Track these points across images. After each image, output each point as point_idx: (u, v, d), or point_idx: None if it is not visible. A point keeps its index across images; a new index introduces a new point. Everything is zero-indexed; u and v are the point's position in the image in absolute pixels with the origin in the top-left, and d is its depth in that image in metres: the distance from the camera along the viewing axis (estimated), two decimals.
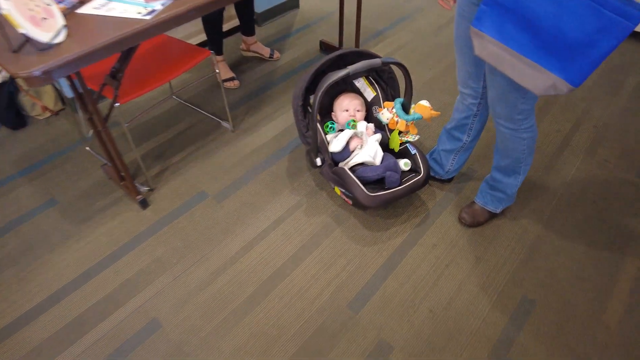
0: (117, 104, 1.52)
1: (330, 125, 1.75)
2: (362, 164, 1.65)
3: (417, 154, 1.67)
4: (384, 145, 1.76)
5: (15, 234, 1.70)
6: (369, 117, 1.83)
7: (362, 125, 1.71)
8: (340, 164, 1.68)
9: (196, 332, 1.40)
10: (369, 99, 1.84)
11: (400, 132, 1.73)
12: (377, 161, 1.63)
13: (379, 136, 1.69)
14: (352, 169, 1.63)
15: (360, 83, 1.86)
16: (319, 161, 1.68)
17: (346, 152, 1.66)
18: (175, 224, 1.72)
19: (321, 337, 1.39)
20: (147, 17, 1.34)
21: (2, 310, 1.47)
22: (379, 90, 1.82)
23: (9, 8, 1.08)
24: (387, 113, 1.72)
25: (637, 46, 2.70)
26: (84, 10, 1.40)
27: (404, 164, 1.67)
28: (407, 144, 1.72)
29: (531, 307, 1.45)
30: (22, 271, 1.57)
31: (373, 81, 1.84)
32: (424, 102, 1.69)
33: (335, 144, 1.67)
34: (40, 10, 1.20)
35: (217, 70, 1.98)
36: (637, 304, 1.46)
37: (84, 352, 1.35)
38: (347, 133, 1.67)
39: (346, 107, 1.76)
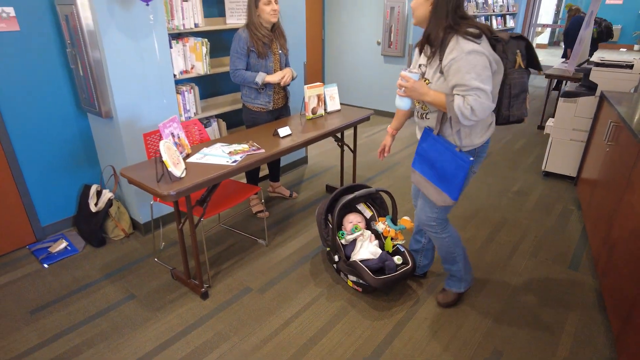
0: (202, 219, 2.25)
1: (341, 233, 2.47)
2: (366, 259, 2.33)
3: (405, 251, 2.37)
4: (381, 247, 2.46)
5: (105, 319, 2.20)
6: (369, 229, 2.57)
7: (368, 233, 2.43)
8: (351, 258, 2.35)
9: None
10: (368, 217, 2.62)
11: (392, 238, 2.45)
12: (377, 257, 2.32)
13: (377, 242, 2.41)
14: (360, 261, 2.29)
15: (361, 207, 2.67)
16: (336, 257, 2.35)
17: (351, 245, 2.38)
18: (229, 309, 2.26)
19: None
20: (233, 164, 2.20)
21: None
22: (374, 211, 2.61)
23: (166, 158, 1.92)
24: (381, 225, 2.48)
25: (562, 185, 3.68)
26: (191, 159, 2.26)
27: (397, 259, 2.35)
28: (397, 246, 2.43)
29: (500, 356, 1.96)
30: (112, 344, 2.05)
31: (370, 205, 2.65)
32: (406, 217, 2.47)
33: (346, 239, 2.39)
34: (176, 158, 2.04)
35: (258, 203, 2.77)
36: (576, 352, 1.98)
37: None
38: (354, 235, 2.40)
39: (351, 221, 2.52)
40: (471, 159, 1.76)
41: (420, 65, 1.87)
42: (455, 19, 1.68)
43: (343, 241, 2.43)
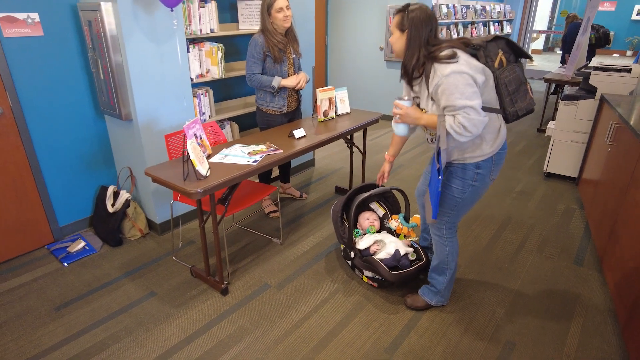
0: (223, 217, 2.32)
1: (356, 232, 2.56)
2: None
3: (418, 247, 2.45)
4: None
5: (128, 315, 2.27)
6: (382, 227, 2.66)
7: (386, 235, 2.51)
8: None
9: None
10: (380, 215, 2.71)
11: (405, 235, 2.54)
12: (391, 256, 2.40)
13: (409, 249, 2.47)
14: None
15: (374, 205, 2.75)
16: (352, 254, 2.43)
17: (368, 250, 2.43)
18: (250, 304, 2.33)
19: None
20: (254, 164, 2.28)
21: None
22: (386, 209, 2.70)
23: (194, 157, 2.00)
24: (394, 222, 2.57)
25: (563, 185, 3.79)
26: (213, 159, 2.34)
27: (411, 254, 2.43)
28: (410, 243, 2.51)
29: (513, 347, 2.05)
30: (138, 338, 2.11)
31: (382, 204, 2.74)
32: (418, 215, 2.56)
33: (362, 243, 2.46)
34: (201, 158, 2.11)
35: (270, 203, 2.85)
36: (585, 342, 2.07)
37: None
38: (372, 237, 2.47)
39: (367, 218, 2.60)
40: (439, 177, 1.82)
41: (414, 97, 1.97)
42: (428, 48, 1.79)
43: (358, 240, 2.51)
